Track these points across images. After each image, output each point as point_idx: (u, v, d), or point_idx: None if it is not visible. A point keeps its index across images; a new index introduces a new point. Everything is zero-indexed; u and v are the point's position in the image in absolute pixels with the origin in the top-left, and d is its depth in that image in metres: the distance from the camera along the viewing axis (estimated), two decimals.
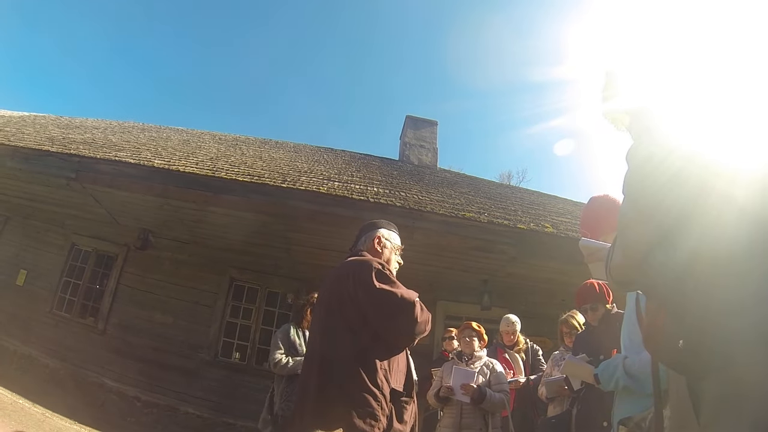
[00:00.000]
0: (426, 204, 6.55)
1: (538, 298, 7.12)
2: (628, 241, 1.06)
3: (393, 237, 2.47)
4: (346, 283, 2.12)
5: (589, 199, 2.08)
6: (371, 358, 1.98)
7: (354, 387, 1.91)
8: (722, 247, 0.81)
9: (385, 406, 1.93)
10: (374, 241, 2.39)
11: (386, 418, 1.92)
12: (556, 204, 9.71)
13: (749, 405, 0.74)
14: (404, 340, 2.11)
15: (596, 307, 3.27)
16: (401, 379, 2.11)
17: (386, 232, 2.45)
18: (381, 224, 2.50)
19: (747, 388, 0.75)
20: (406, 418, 2.02)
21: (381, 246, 2.39)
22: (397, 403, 2.00)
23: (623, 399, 1.95)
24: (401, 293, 2.07)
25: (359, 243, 2.44)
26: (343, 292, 2.11)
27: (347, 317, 2.06)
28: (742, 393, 0.76)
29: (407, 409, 2.03)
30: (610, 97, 1.33)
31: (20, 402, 5.17)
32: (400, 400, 2.02)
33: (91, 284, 7.47)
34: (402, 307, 2.04)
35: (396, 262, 2.44)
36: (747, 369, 0.76)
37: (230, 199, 6.00)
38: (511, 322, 4.83)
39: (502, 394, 3.83)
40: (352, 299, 2.07)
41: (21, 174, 6.55)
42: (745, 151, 0.85)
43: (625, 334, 1.98)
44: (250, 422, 5.90)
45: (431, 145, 11.93)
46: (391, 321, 2.05)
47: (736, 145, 0.87)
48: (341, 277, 2.18)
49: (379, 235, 2.41)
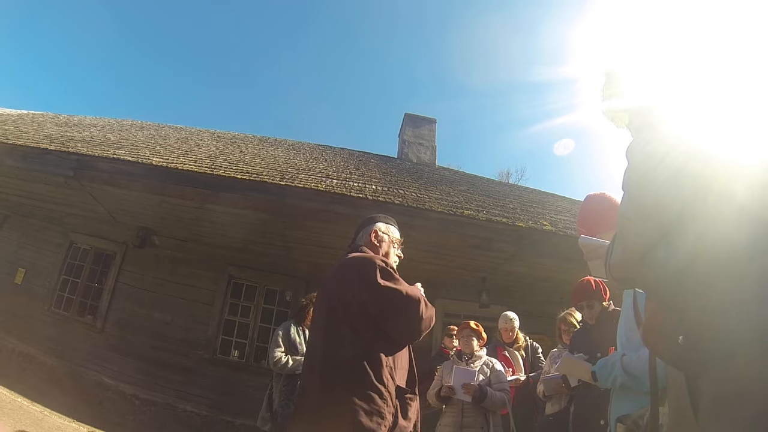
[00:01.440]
0: (424, 202, 6.55)
1: (537, 296, 7.13)
2: (628, 238, 1.06)
3: (391, 230, 2.43)
4: (348, 281, 2.09)
5: (585, 198, 2.08)
6: (375, 356, 1.96)
7: (359, 385, 1.88)
8: (722, 244, 0.82)
9: (391, 403, 1.91)
10: (371, 235, 2.35)
11: (392, 415, 1.90)
12: (555, 202, 9.72)
13: (748, 402, 0.74)
14: (409, 337, 2.09)
15: (592, 304, 3.27)
16: (404, 375, 2.09)
17: (383, 226, 2.41)
18: (378, 218, 2.45)
19: (746, 385, 0.75)
20: (411, 415, 2.00)
21: (378, 240, 2.35)
22: (402, 400, 1.99)
23: (620, 397, 1.95)
24: (406, 290, 2.05)
25: (358, 239, 2.41)
26: (345, 290, 2.08)
27: (350, 315, 2.02)
28: (742, 390, 0.76)
29: (411, 406, 2.02)
30: (610, 95, 1.33)
31: (19, 400, 5.17)
32: (404, 396, 2.00)
33: (89, 282, 7.47)
34: (407, 305, 2.02)
35: (396, 256, 2.41)
36: (746, 366, 0.76)
37: (228, 196, 6.00)
38: (509, 319, 4.83)
39: (502, 392, 3.84)
40: (355, 297, 2.03)
41: (19, 172, 6.53)
42: (745, 149, 0.85)
43: (622, 331, 1.98)
44: (249, 420, 5.91)
45: (430, 143, 11.94)
46: (397, 318, 2.03)
47: (737, 142, 0.87)
48: (342, 275, 2.15)
49: (376, 229, 2.37)
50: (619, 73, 1.34)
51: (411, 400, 2.03)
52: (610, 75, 1.36)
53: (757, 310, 0.75)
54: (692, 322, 0.84)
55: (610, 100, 1.34)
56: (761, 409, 0.72)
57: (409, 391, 2.04)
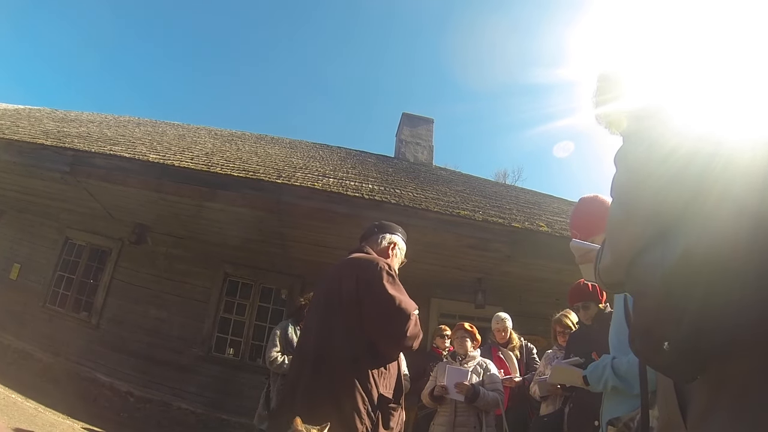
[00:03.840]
0: (421, 201, 6.55)
1: (533, 297, 7.15)
2: (617, 243, 1.06)
3: (404, 249, 2.48)
4: (350, 282, 2.09)
5: (579, 200, 2.08)
6: (365, 361, 1.97)
7: (345, 387, 1.91)
8: (722, 245, 0.81)
9: (371, 410, 1.92)
10: (389, 246, 2.38)
11: (371, 421, 1.91)
12: (552, 203, 9.73)
13: (745, 403, 0.75)
14: (389, 344, 2.08)
15: (588, 305, 3.28)
16: (392, 383, 2.09)
17: (402, 243, 2.45)
18: (397, 230, 2.49)
19: (743, 388, 0.75)
20: (392, 425, 2.01)
21: (394, 254, 2.38)
22: (385, 409, 1.99)
23: (612, 399, 1.96)
24: (402, 301, 2.05)
25: (370, 239, 2.41)
26: (345, 291, 2.08)
27: (347, 316, 2.03)
28: (738, 392, 0.76)
29: (393, 416, 2.02)
30: (604, 101, 1.33)
31: (13, 396, 5.16)
32: (387, 406, 2.01)
33: (85, 279, 7.43)
34: (398, 315, 2.02)
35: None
36: (743, 368, 0.76)
37: (225, 194, 5.99)
38: (501, 319, 4.84)
39: (495, 392, 3.86)
40: (355, 298, 2.04)
41: (15, 167, 6.50)
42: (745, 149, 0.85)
43: (614, 334, 1.98)
44: (244, 418, 5.92)
45: (427, 142, 11.94)
46: (383, 324, 2.04)
47: (737, 142, 0.87)
48: (345, 275, 2.15)
49: (396, 242, 2.41)
50: (617, 75, 1.34)
51: (394, 410, 2.03)
52: (607, 78, 1.36)
53: (755, 311, 0.75)
54: (690, 324, 0.84)
55: (606, 104, 1.34)
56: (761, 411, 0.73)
57: (392, 401, 2.03)
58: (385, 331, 2.04)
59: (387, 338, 2.05)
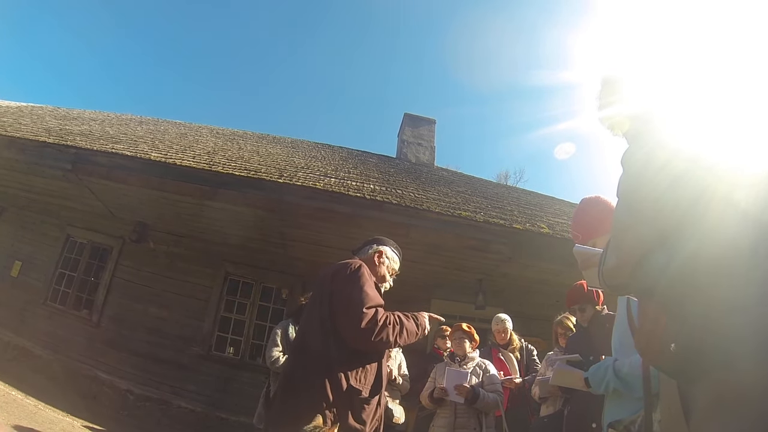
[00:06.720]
0: (422, 202, 6.55)
1: (533, 299, 7.13)
2: (623, 245, 1.06)
3: (394, 259, 2.55)
4: (328, 281, 2.22)
5: (581, 201, 2.07)
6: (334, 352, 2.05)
7: (315, 376, 2.01)
8: (724, 249, 0.82)
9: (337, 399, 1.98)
10: (375, 255, 2.48)
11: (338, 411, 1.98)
12: (553, 205, 9.72)
13: (748, 407, 0.75)
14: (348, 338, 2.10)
15: (584, 307, 3.30)
16: (369, 378, 2.13)
17: (390, 252, 2.53)
18: (388, 243, 2.59)
19: (746, 390, 0.75)
20: (365, 418, 2.05)
21: (380, 262, 2.46)
22: (356, 401, 2.04)
23: (613, 402, 1.95)
24: (367, 293, 2.12)
25: (361, 251, 2.53)
26: (324, 289, 2.20)
27: (321, 310, 2.15)
28: (743, 395, 0.76)
29: (366, 410, 2.06)
30: (608, 103, 1.33)
31: (13, 393, 5.16)
32: (358, 398, 2.05)
33: (85, 276, 7.44)
34: (354, 307, 2.07)
35: (388, 284, 2.52)
36: (746, 371, 0.76)
37: (227, 193, 5.99)
38: (501, 320, 4.83)
39: (495, 394, 3.86)
40: (328, 292, 2.17)
41: (17, 165, 6.52)
42: (746, 154, 0.85)
43: (616, 337, 1.98)
44: (243, 417, 5.91)
45: (429, 143, 11.93)
46: (342, 316, 2.11)
47: (738, 148, 0.87)
48: (327, 275, 2.27)
49: (382, 251, 2.50)
50: (620, 79, 1.34)
51: (366, 404, 2.07)
52: (610, 81, 1.36)
53: (758, 314, 0.75)
54: (694, 327, 0.84)
55: (609, 107, 1.34)
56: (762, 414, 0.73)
57: (360, 393, 2.06)
58: (342, 322, 2.11)
59: (345, 330, 2.10)
